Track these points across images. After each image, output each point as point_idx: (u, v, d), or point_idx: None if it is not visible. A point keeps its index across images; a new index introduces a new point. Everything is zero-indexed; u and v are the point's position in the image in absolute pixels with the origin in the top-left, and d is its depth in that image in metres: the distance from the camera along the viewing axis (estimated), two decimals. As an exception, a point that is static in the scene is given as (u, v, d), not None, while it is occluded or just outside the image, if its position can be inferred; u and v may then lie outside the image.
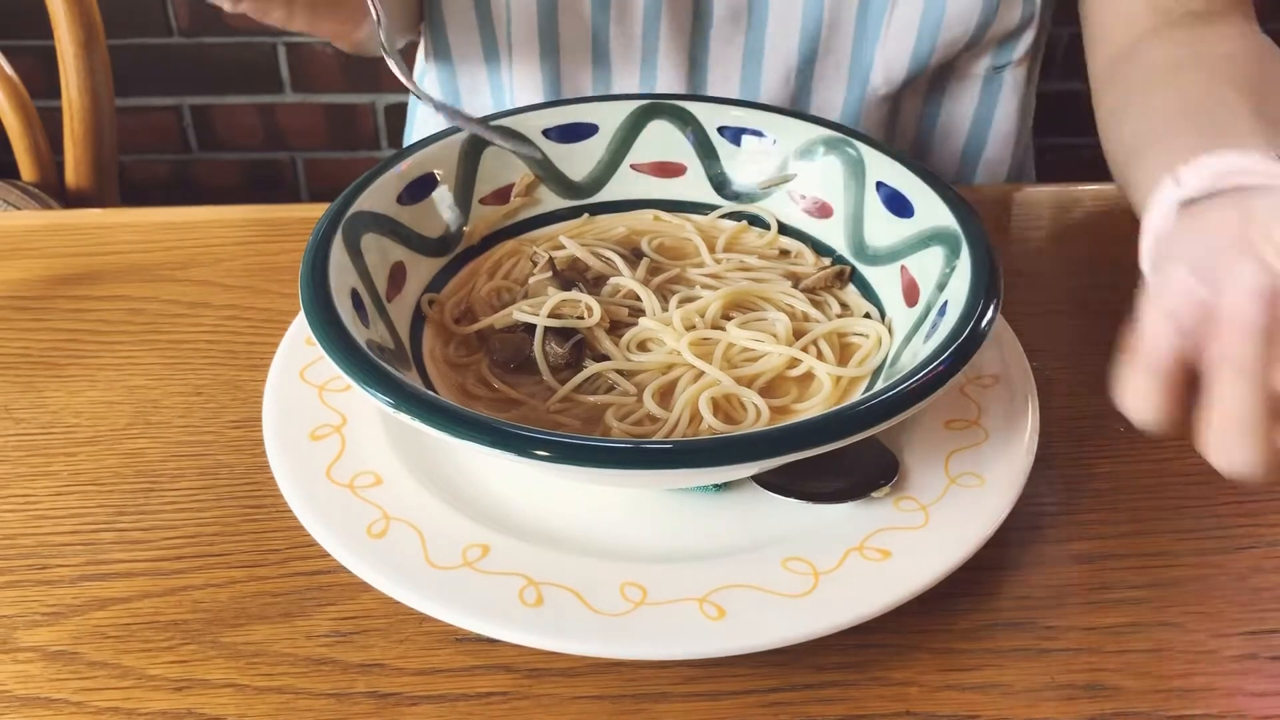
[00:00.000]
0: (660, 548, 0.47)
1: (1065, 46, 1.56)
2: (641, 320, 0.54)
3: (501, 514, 0.48)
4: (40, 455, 0.55)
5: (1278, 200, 0.41)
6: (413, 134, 0.94)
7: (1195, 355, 0.37)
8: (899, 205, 0.56)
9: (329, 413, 0.52)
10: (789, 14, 0.74)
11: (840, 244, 0.59)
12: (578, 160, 0.63)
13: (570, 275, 0.57)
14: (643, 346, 0.54)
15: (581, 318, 0.54)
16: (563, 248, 0.59)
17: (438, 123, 0.86)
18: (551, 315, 0.53)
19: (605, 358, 0.53)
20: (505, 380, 0.52)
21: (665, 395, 0.51)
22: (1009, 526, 0.47)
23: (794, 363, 0.52)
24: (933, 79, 0.79)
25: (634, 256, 0.59)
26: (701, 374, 0.51)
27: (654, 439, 0.48)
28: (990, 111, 0.82)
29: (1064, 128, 1.40)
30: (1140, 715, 0.43)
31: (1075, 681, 0.44)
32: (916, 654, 0.45)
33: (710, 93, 0.77)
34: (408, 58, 0.87)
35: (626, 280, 0.56)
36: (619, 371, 0.52)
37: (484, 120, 0.59)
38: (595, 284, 0.57)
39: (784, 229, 0.62)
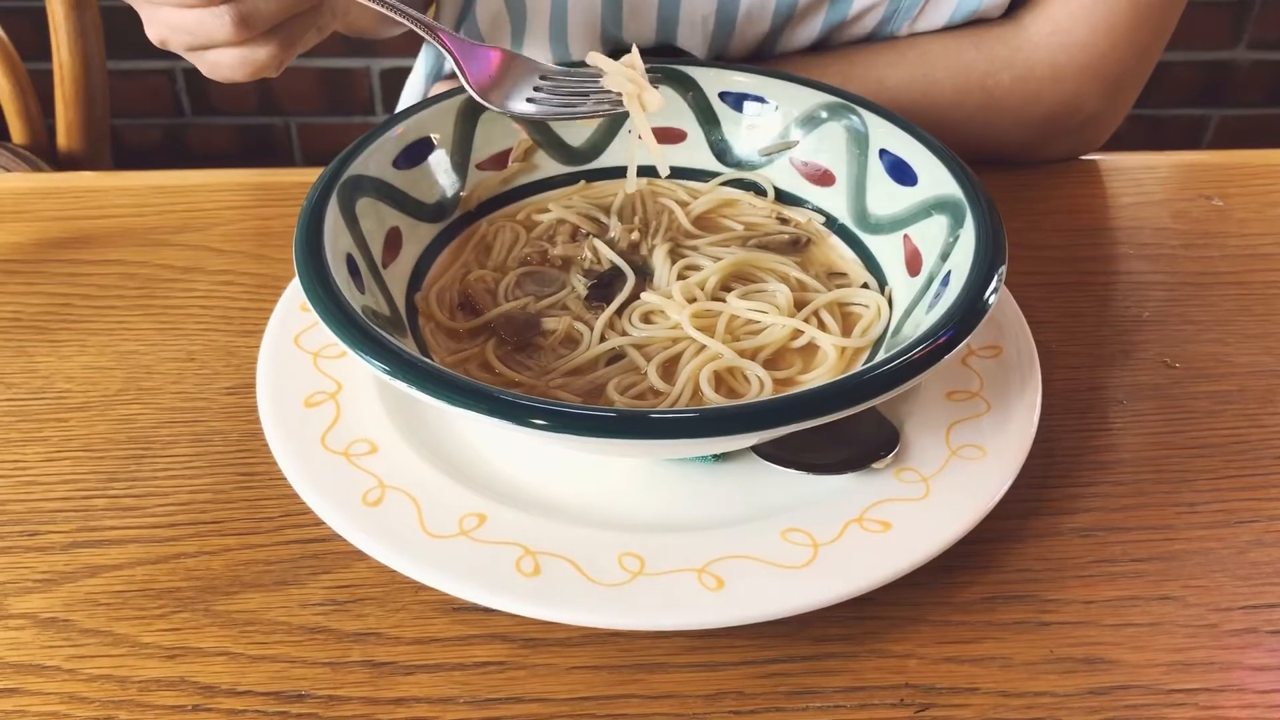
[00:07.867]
0: (659, 518, 0.46)
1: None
2: (643, 294, 0.54)
3: (498, 483, 0.47)
4: (31, 421, 0.54)
5: None
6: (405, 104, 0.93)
7: None
8: (902, 173, 0.55)
9: (324, 379, 0.51)
10: None
11: (842, 212, 0.59)
12: (576, 126, 0.62)
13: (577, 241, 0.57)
14: (646, 319, 0.53)
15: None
16: (548, 211, 0.59)
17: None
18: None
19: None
20: (509, 364, 0.51)
21: (669, 369, 0.50)
22: (1009, 499, 0.47)
23: (797, 334, 0.52)
24: None
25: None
26: (704, 347, 0.51)
27: (653, 408, 0.48)
28: None
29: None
30: (1139, 689, 0.43)
31: (1074, 654, 0.44)
32: (916, 626, 0.45)
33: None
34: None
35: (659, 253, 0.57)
36: (634, 346, 0.51)
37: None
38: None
39: (785, 197, 0.61)
